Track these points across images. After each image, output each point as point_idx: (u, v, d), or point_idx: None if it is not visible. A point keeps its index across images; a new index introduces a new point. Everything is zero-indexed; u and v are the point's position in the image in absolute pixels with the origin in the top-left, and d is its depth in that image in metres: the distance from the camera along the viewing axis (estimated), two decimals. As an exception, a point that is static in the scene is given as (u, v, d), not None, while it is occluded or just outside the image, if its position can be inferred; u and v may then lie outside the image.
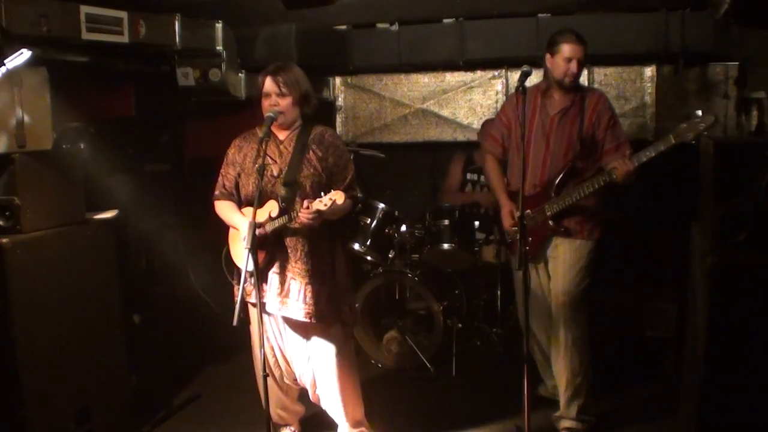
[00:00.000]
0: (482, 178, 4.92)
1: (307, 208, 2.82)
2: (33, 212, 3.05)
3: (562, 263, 3.40)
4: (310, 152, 3.06)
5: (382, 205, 4.43)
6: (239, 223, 3.08)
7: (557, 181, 3.37)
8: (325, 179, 3.03)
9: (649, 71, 4.90)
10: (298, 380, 3.35)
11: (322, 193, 2.80)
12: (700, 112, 2.94)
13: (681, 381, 3.31)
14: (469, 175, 4.99)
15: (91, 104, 4.36)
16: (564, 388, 3.43)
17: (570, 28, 3.41)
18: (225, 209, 3.17)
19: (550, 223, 3.37)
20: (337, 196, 2.77)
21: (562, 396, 3.45)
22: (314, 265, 3.04)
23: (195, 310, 4.64)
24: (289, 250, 3.04)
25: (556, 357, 3.46)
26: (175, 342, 4.42)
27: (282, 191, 2.96)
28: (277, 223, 2.94)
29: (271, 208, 2.98)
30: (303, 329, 3.17)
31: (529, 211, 3.34)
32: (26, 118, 3.04)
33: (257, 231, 2.82)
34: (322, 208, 2.78)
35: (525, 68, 3.19)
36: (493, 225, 4.55)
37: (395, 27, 5.03)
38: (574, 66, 3.32)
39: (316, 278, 3.04)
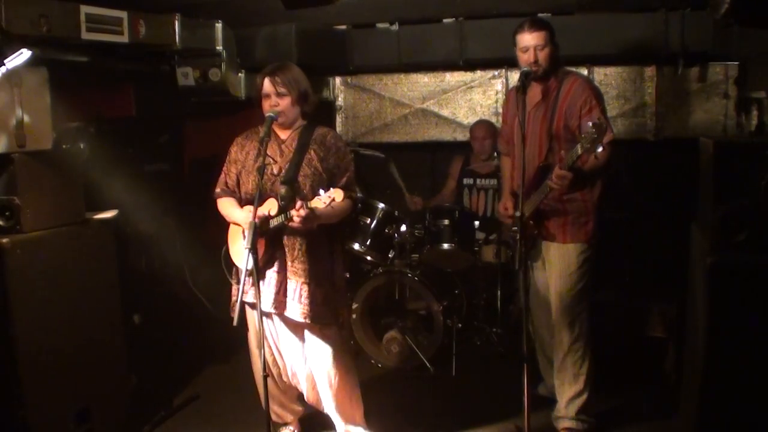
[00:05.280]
0: (478, 181, 4.92)
1: (300, 209, 2.81)
2: (33, 212, 3.05)
3: (554, 267, 3.36)
4: (311, 152, 3.06)
5: (382, 205, 4.43)
6: (240, 219, 3.08)
7: (535, 181, 3.26)
8: (325, 179, 3.04)
9: (649, 71, 4.90)
10: (292, 379, 3.35)
11: (321, 191, 2.79)
12: (590, 124, 2.85)
13: (681, 381, 3.31)
14: (465, 180, 4.99)
15: (91, 104, 4.36)
16: (564, 389, 3.42)
17: (528, 18, 3.30)
18: (226, 206, 3.17)
19: (531, 222, 3.30)
20: (336, 194, 2.76)
21: (562, 397, 3.44)
22: (313, 265, 3.05)
23: (195, 310, 4.64)
24: (287, 249, 3.04)
25: (556, 358, 3.46)
26: (175, 342, 4.42)
27: (281, 190, 2.97)
28: (275, 222, 2.94)
29: (271, 206, 2.99)
30: (299, 329, 3.18)
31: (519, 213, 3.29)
32: (26, 118, 3.04)
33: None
34: (321, 205, 2.78)
35: (525, 68, 3.20)
36: (492, 225, 4.57)
37: (395, 27, 5.03)
38: (531, 55, 3.20)
39: (314, 278, 3.05)
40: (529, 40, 3.20)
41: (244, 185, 3.13)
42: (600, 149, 2.82)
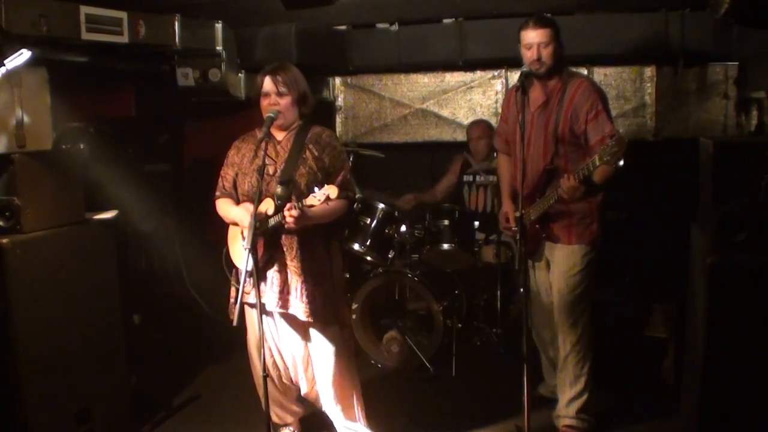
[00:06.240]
0: (478, 178, 4.92)
1: (291, 209, 2.82)
2: (33, 212, 3.04)
3: (557, 268, 3.36)
4: (307, 151, 3.06)
5: (382, 205, 4.42)
6: (237, 215, 3.07)
7: (540, 184, 3.27)
8: (321, 178, 3.03)
9: (649, 71, 4.91)
10: (294, 379, 3.35)
11: (316, 188, 2.79)
12: (607, 131, 2.84)
13: (681, 381, 3.31)
14: (465, 177, 4.99)
15: (91, 104, 4.36)
16: (565, 389, 3.42)
17: (534, 15, 3.28)
18: (224, 206, 3.18)
19: (537, 226, 3.32)
20: (331, 191, 2.76)
21: (563, 396, 3.44)
22: (310, 263, 3.05)
23: (195, 310, 4.64)
24: (285, 249, 3.04)
25: (558, 358, 3.46)
26: (175, 342, 4.43)
27: (278, 190, 2.97)
28: (272, 221, 2.94)
29: (268, 206, 2.99)
30: (300, 328, 3.18)
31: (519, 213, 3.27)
32: (26, 118, 3.05)
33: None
34: (316, 203, 2.78)
35: (525, 68, 3.19)
36: (492, 224, 4.56)
37: (395, 27, 5.03)
38: (534, 52, 3.17)
39: (313, 277, 3.05)
40: (533, 36, 3.18)
41: (240, 186, 3.14)
42: (621, 163, 2.81)
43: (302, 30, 4.60)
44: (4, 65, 2.93)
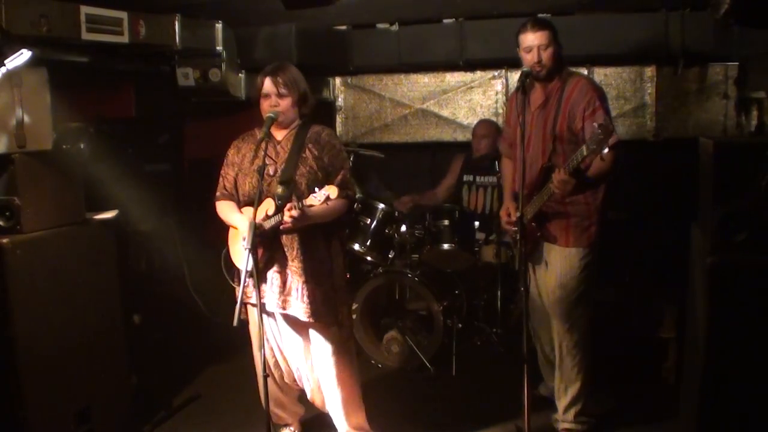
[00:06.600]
0: (478, 178, 4.92)
1: (291, 209, 2.83)
2: (33, 212, 3.04)
3: (554, 270, 3.33)
4: (307, 151, 3.06)
5: (382, 206, 4.43)
6: (238, 223, 3.08)
7: (538, 183, 3.25)
8: (321, 178, 3.03)
9: (649, 71, 4.91)
10: (297, 380, 3.35)
11: (316, 189, 2.79)
12: (595, 125, 2.83)
13: (681, 381, 3.31)
14: (465, 177, 4.99)
15: (91, 104, 4.36)
16: (562, 392, 3.41)
17: (531, 18, 3.28)
18: (225, 209, 3.18)
19: (533, 224, 3.30)
20: (331, 191, 2.77)
21: (561, 400, 3.43)
22: (310, 263, 3.05)
23: (195, 310, 4.64)
24: (285, 249, 3.04)
25: (556, 361, 3.45)
26: (175, 342, 4.42)
27: (278, 190, 2.97)
28: (273, 221, 2.94)
29: (268, 206, 2.99)
30: (301, 329, 3.17)
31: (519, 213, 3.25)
32: (26, 118, 3.05)
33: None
34: (316, 203, 2.78)
35: (525, 68, 3.19)
36: (492, 224, 4.57)
37: (395, 27, 5.04)
38: (534, 55, 3.18)
39: (313, 277, 3.05)
40: (532, 39, 3.18)
41: (241, 187, 3.14)
42: (606, 150, 2.81)
43: (302, 30, 4.60)
44: (4, 65, 2.92)
